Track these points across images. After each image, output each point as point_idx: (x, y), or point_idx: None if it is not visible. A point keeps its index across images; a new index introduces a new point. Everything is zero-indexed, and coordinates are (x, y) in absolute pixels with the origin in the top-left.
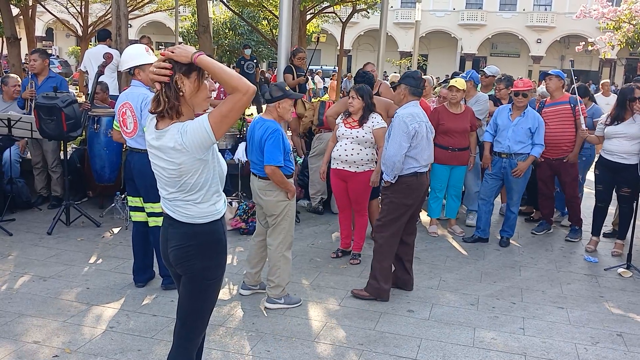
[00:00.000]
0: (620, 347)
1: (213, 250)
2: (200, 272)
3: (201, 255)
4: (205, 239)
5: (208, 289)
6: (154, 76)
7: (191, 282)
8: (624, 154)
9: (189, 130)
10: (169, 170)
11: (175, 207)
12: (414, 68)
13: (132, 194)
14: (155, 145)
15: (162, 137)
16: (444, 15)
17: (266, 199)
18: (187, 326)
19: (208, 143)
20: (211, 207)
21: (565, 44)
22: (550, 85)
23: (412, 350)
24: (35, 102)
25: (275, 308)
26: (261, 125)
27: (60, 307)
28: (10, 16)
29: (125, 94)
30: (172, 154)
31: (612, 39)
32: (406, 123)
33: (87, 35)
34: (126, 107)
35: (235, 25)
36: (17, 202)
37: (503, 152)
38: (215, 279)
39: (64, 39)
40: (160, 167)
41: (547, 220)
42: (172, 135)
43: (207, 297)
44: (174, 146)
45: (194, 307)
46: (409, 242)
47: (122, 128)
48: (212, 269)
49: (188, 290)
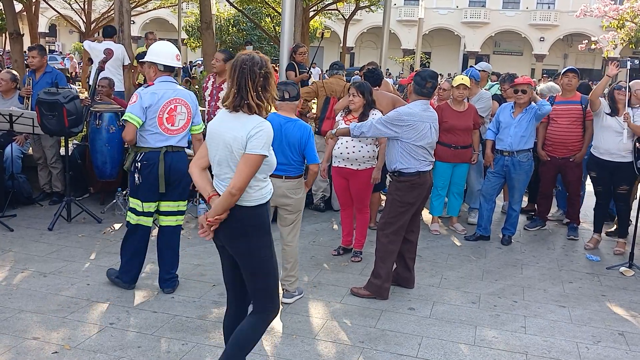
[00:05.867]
0: (622, 346)
1: (256, 230)
2: (248, 250)
3: (247, 236)
4: (250, 221)
5: (261, 266)
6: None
7: (243, 258)
8: (622, 152)
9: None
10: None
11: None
12: (417, 66)
13: (151, 199)
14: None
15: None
16: (447, 13)
17: (297, 197)
18: (254, 295)
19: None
20: (258, 192)
21: (569, 42)
22: (572, 83)
23: (413, 348)
24: (38, 98)
25: (293, 302)
26: (294, 125)
27: (60, 303)
28: (13, 12)
29: (169, 90)
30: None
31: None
32: (399, 112)
33: (90, 32)
34: (179, 102)
35: (238, 22)
36: (18, 198)
37: (505, 149)
38: (264, 257)
39: (67, 35)
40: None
41: (541, 217)
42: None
43: (263, 273)
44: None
45: (254, 280)
46: (412, 240)
47: (164, 125)
48: (259, 249)
49: (244, 266)
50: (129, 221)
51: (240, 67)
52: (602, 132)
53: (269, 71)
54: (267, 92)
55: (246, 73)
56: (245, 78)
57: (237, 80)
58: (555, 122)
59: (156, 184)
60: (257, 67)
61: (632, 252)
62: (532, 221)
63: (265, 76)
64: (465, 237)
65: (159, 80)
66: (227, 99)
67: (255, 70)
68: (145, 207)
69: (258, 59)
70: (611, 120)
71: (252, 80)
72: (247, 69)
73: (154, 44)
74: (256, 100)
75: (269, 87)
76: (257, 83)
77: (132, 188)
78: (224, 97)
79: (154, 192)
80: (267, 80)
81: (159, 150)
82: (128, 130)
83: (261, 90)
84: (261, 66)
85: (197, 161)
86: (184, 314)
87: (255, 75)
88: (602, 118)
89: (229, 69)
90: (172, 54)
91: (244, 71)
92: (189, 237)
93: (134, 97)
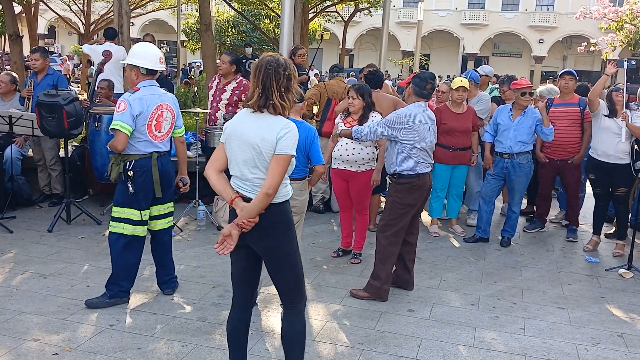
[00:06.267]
0: (620, 348)
1: (285, 226)
2: (278, 247)
3: (276, 231)
4: (279, 218)
5: (291, 259)
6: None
7: (274, 255)
8: (619, 154)
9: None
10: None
11: (256, 188)
12: (416, 68)
13: (148, 205)
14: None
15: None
16: (446, 15)
17: (301, 199)
18: (294, 290)
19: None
20: (284, 189)
21: (568, 44)
22: (569, 86)
23: (412, 350)
24: (37, 99)
25: None
26: (299, 127)
27: (60, 305)
28: (13, 14)
29: (154, 95)
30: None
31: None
32: (398, 114)
33: (89, 33)
34: (165, 108)
35: (238, 24)
36: (18, 200)
37: (505, 152)
38: (291, 251)
39: (66, 37)
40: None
41: (540, 219)
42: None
43: (293, 267)
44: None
45: (289, 276)
46: (411, 242)
47: (152, 132)
48: (288, 242)
49: (275, 264)
50: (120, 233)
51: (266, 68)
52: (600, 133)
53: (292, 73)
54: (290, 92)
55: (271, 74)
56: (270, 78)
57: (262, 81)
58: (553, 124)
59: (152, 189)
60: (282, 69)
61: (631, 254)
62: (532, 223)
63: (288, 77)
64: (465, 239)
65: (144, 85)
66: (251, 99)
67: (279, 72)
68: (144, 215)
69: (282, 61)
70: (609, 121)
71: (277, 81)
72: (272, 70)
73: (135, 46)
74: (280, 100)
75: (291, 88)
76: (281, 84)
77: (125, 198)
78: (248, 97)
79: (150, 198)
80: (290, 82)
81: (150, 155)
82: (120, 140)
83: (284, 91)
84: (285, 68)
85: (213, 164)
86: (184, 316)
87: (280, 76)
88: (600, 119)
89: (252, 70)
90: (155, 57)
91: (269, 72)
92: (189, 239)
93: (122, 104)
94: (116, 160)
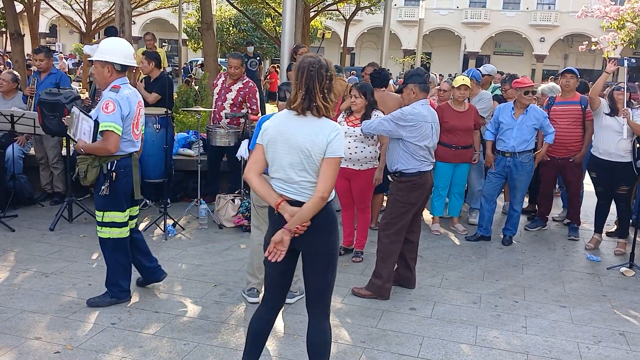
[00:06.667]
0: (622, 346)
1: (332, 226)
2: (325, 246)
3: (323, 231)
4: (326, 218)
5: (334, 260)
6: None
7: (319, 256)
8: (621, 152)
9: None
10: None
11: (304, 191)
12: (417, 66)
13: (130, 205)
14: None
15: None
16: (448, 14)
17: None
18: (324, 296)
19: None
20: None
21: (569, 42)
22: (570, 84)
23: (414, 348)
24: (39, 98)
25: (295, 302)
26: None
27: (62, 304)
28: (14, 12)
29: (133, 93)
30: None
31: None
32: (403, 112)
33: (90, 32)
34: (141, 105)
35: (239, 22)
36: (19, 198)
37: (507, 151)
38: (336, 251)
39: (68, 35)
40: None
41: (542, 218)
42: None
43: (334, 267)
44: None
45: (327, 277)
46: (413, 240)
47: (134, 131)
48: (333, 242)
49: (317, 265)
50: (108, 237)
51: (308, 69)
52: (602, 131)
53: (334, 74)
54: (332, 93)
55: (314, 75)
56: (313, 80)
57: (305, 83)
58: (555, 122)
59: (132, 190)
60: (324, 70)
61: (633, 252)
62: (533, 221)
63: (330, 78)
64: (466, 238)
65: (122, 83)
66: (294, 102)
67: (322, 73)
68: (126, 217)
69: (324, 62)
70: (610, 120)
71: (319, 83)
72: (314, 71)
73: (105, 41)
74: (323, 101)
75: (332, 89)
76: (323, 85)
77: (108, 202)
78: (291, 100)
79: (131, 199)
80: (331, 83)
81: (130, 155)
82: (113, 142)
83: (327, 92)
84: (327, 69)
85: (253, 166)
86: (186, 314)
87: (322, 77)
88: (601, 118)
89: (294, 72)
90: (130, 52)
91: (312, 74)
92: (190, 238)
93: (111, 105)
94: (93, 162)
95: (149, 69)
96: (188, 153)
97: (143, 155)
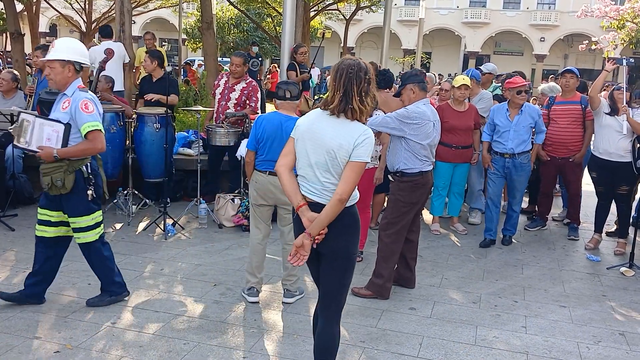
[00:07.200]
0: (622, 346)
1: (354, 229)
2: (345, 249)
3: (345, 234)
4: (348, 220)
5: (352, 264)
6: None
7: (338, 258)
8: (621, 151)
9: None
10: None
11: (326, 193)
12: (417, 66)
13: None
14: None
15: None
16: (448, 13)
17: None
18: (337, 299)
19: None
20: (354, 192)
21: (569, 42)
22: (570, 84)
23: (413, 348)
24: (38, 97)
25: (294, 301)
26: (294, 123)
27: (61, 303)
28: (14, 12)
29: (93, 94)
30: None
31: (616, 38)
32: (408, 110)
33: (90, 32)
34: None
35: (240, 22)
36: (19, 198)
37: (506, 152)
38: (356, 254)
39: (68, 34)
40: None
41: (541, 218)
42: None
43: (351, 272)
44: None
45: (343, 281)
46: (413, 240)
47: None
48: (353, 245)
49: (335, 267)
50: (94, 240)
51: (347, 71)
52: (602, 131)
53: (372, 77)
54: (369, 97)
55: (352, 78)
56: (352, 82)
57: (344, 85)
58: (555, 122)
59: (102, 189)
60: (363, 73)
61: (633, 252)
62: (533, 221)
63: (368, 82)
64: (480, 245)
65: (79, 83)
66: (332, 103)
67: (360, 76)
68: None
69: (363, 65)
70: (610, 119)
71: (357, 85)
72: (353, 73)
73: (62, 40)
74: (359, 104)
75: (370, 92)
76: (361, 88)
77: (87, 206)
78: (328, 100)
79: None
80: (369, 86)
81: (96, 156)
82: (102, 140)
83: (364, 95)
84: (366, 72)
85: (284, 159)
86: (185, 314)
87: (361, 80)
88: (601, 117)
89: (332, 73)
90: (86, 52)
91: (350, 76)
92: (190, 237)
93: (90, 105)
94: (68, 167)
95: (151, 68)
96: (188, 152)
97: (143, 155)
